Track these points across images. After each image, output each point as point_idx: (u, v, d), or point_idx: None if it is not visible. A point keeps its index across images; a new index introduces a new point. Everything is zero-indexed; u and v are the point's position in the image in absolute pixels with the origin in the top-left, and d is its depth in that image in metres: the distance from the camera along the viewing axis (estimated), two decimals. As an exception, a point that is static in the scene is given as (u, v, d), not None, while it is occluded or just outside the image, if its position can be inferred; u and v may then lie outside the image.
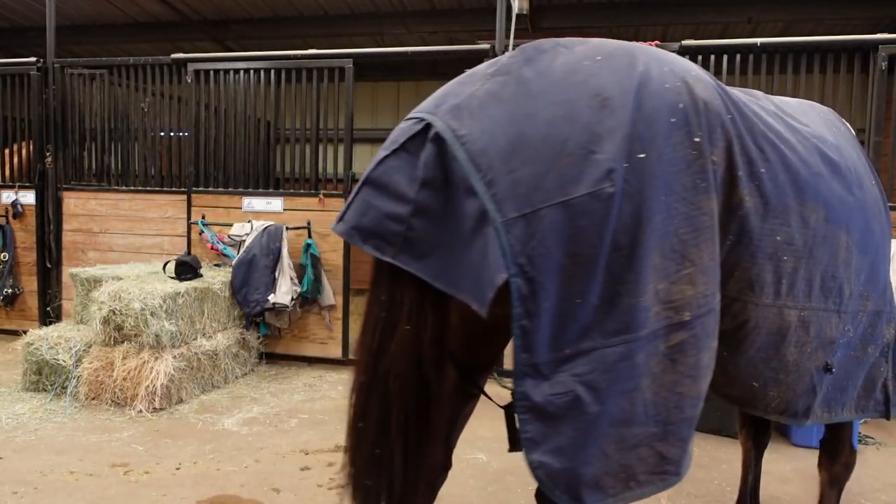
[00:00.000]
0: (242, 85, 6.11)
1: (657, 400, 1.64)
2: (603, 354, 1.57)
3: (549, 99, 1.60)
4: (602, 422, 1.59)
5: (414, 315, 1.68)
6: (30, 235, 6.69)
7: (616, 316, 1.57)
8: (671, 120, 1.62)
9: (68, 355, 4.81)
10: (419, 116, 1.69)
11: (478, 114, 1.61)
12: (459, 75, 1.84)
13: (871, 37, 4.96)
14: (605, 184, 1.52)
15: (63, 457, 3.71)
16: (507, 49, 5.44)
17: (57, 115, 6.58)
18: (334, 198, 5.88)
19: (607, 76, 1.63)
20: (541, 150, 1.54)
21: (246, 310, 5.51)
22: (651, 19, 7.85)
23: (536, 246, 1.51)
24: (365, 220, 1.68)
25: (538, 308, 1.52)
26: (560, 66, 1.67)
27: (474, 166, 1.55)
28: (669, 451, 1.68)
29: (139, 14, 8.91)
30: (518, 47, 1.79)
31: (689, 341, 1.65)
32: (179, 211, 6.27)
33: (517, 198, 1.52)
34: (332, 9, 8.54)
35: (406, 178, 1.64)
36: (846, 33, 5.26)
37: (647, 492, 1.68)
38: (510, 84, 1.65)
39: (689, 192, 1.62)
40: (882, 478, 3.79)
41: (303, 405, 4.80)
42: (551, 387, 1.56)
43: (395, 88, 11.25)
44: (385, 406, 1.70)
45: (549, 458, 1.58)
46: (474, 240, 1.55)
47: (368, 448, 1.72)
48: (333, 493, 3.35)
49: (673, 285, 1.62)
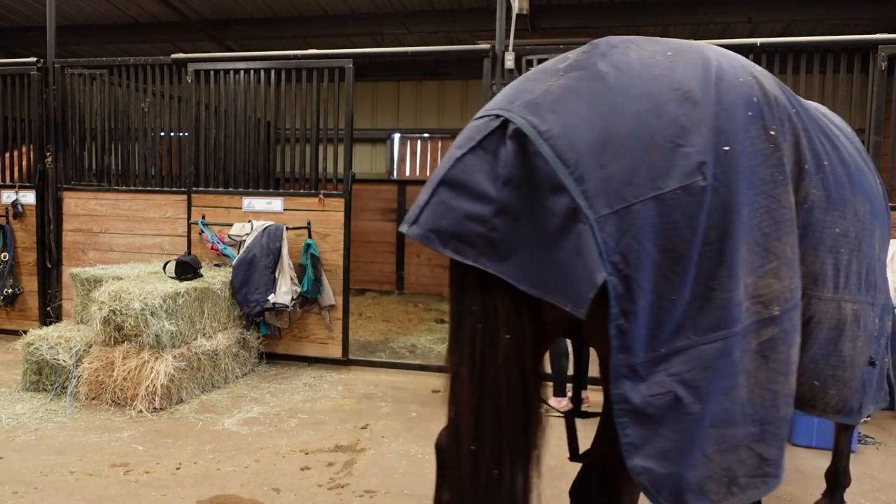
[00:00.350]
0: (242, 85, 6.11)
1: (753, 398, 1.60)
2: (700, 352, 1.53)
3: (632, 93, 1.57)
4: (703, 422, 1.54)
5: (512, 322, 1.60)
6: (30, 235, 6.69)
7: (711, 312, 1.53)
8: (748, 113, 1.61)
9: (68, 355, 4.81)
10: (494, 113, 1.62)
11: (558, 109, 1.57)
12: (530, 70, 1.80)
13: (871, 37, 4.97)
14: (697, 177, 1.50)
15: (63, 457, 3.71)
16: (507, 49, 5.44)
17: (57, 115, 6.58)
18: (334, 198, 5.88)
19: (684, 70, 1.62)
20: (629, 144, 1.51)
21: (246, 310, 5.51)
22: (651, 19, 7.86)
23: (630, 243, 1.48)
24: (444, 222, 1.60)
25: (634, 307, 1.49)
26: (635, 61, 1.64)
27: (562, 162, 1.50)
28: (769, 451, 1.63)
29: (139, 14, 8.91)
30: (588, 43, 1.75)
31: (779, 336, 1.63)
32: (179, 211, 6.27)
33: (609, 193, 1.48)
34: (332, 9, 8.54)
35: (486, 177, 1.57)
36: (846, 33, 5.25)
37: (749, 496, 1.62)
38: (587, 79, 1.61)
39: (769, 185, 1.61)
40: (882, 478, 3.79)
41: (303, 405, 4.80)
42: (649, 388, 1.52)
43: (395, 88, 11.24)
44: (498, 423, 1.61)
45: (652, 463, 1.53)
46: (563, 238, 1.50)
47: (487, 469, 1.61)
48: (333, 493, 3.35)
49: (760, 279, 1.60)
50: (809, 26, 7.90)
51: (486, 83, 5.52)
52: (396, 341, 6.91)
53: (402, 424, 4.43)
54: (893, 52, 4.85)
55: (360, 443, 4.07)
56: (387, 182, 10.97)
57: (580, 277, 1.46)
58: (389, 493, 3.36)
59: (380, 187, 10.50)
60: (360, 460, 3.79)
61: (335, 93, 5.88)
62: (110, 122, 6.54)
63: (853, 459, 3.93)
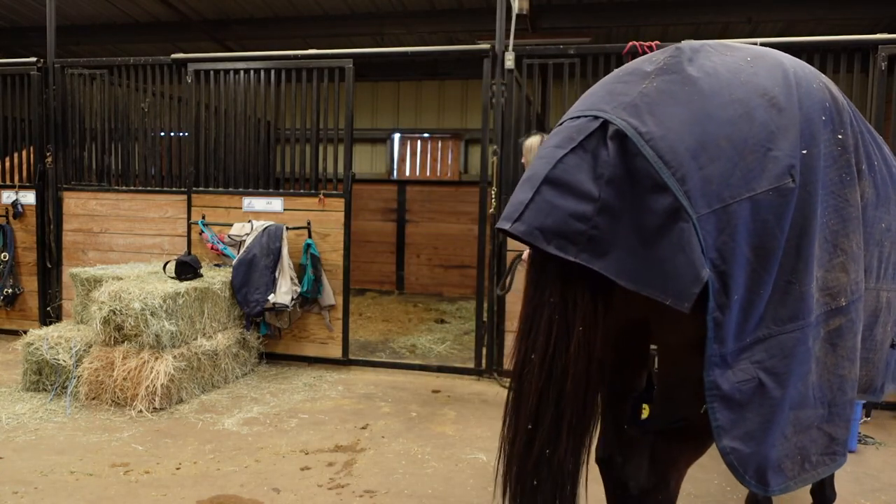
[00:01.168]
0: (242, 85, 6.11)
1: (822, 383, 1.76)
2: (780, 341, 1.67)
3: (724, 98, 1.67)
4: (784, 406, 1.69)
5: (588, 316, 1.71)
6: (30, 235, 6.69)
7: (789, 303, 1.67)
8: (822, 118, 1.74)
9: (68, 355, 4.81)
10: (592, 114, 1.71)
11: (655, 112, 1.66)
12: (614, 72, 1.89)
13: (871, 37, 4.97)
14: (787, 179, 1.63)
15: (63, 457, 3.71)
16: (507, 49, 5.44)
17: (57, 115, 6.58)
18: (334, 198, 5.88)
19: (767, 76, 1.73)
20: (725, 147, 1.62)
21: (246, 310, 5.51)
22: (651, 19, 7.85)
23: (727, 240, 1.59)
24: (549, 220, 1.67)
25: (729, 300, 1.60)
26: (721, 66, 1.74)
27: (664, 163, 1.60)
28: (836, 431, 1.80)
29: (139, 14, 8.91)
30: (670, 47, 1.85)
31: (846, 325, 1.78)
32: (179, 211, 6.27)
33: (708, 194, 1.59)
34: (332, 9, 8.53)
35: (588, 176, 1.66)
36: (846, 33, 5.24)
37: (819, 473, 1.80)
38: (679, 82, 1.71)
39: (837, 185, 1.74)
40: (882, 478, 3.79)
41: (303, 405, 4.80)
42: (735, 375, 1.65)
43: (395, 88, 11.24)
44: (559, 409, 1.72)
45: (739, 444, 1.66)
46: (663, 235, 1.59)
47: (539, 449, 1.73)
48: (333, 493, 3.35)
49: (828, 273, 1.74)
50: (809, 26, 7.89)
51: (486, 83, 5.52)
52: (396, 341, 6.91)
53: (402, 424, 4.43)
54: (893, 52, 4.85)
55: (360, 443, 4.07)
56: (387, 182, 10.97)
57: (683, 273, 1.57)
58: (389, 493, 3.36)
59: (380, 187, 10.50)
60: (360, 460, 3.79)
61: (335, 93, 5.88)
62: (110, 122, 6.54)
63: (853, 459, 3.94)
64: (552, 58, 5.50)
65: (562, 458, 1.73)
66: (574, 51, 5.45)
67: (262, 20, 8.96)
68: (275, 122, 6.75)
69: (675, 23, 7.91)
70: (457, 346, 6.81)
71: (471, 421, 4.57)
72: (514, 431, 1.80)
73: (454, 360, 6.06)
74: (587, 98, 1.82)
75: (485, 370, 5.66)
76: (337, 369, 5.83)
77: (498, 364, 5.62)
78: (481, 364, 5.68)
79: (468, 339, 6.93)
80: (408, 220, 10.18)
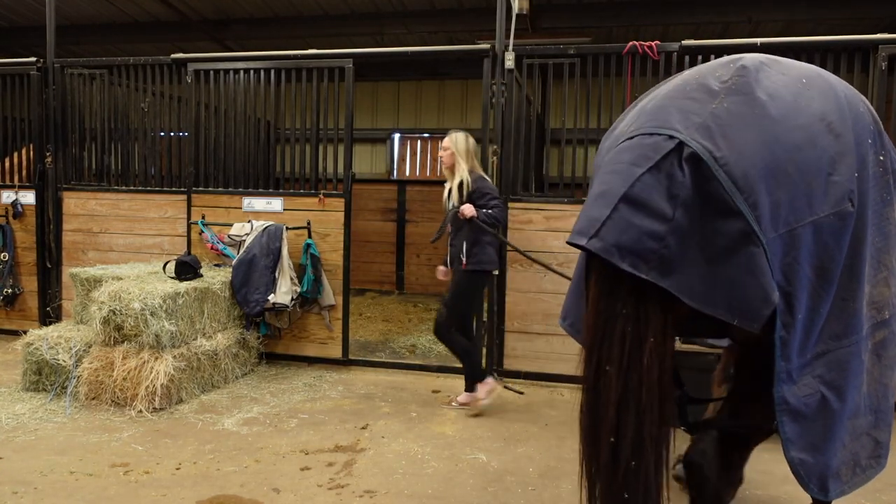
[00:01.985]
0: (242, 85, 6.11)
1: (870, 391, 1.87)
2: (837, 356, 1.77)
3: (790, 123, 1.75)
4: (843, 416, 1.79)
5: (658, 328, 1.77)
6: (30, 235, 6.69)
7: (844, 319, 1.77)
8: (869, 141, 1.84)
9: (68, 355, 4.81)
10: (667, 133, 1.76)
11: (728, 135, 1.72)
12: (678, 83, 1.91)
13: (871, 37, 4.96)
14: (846, 203, 1.73)
15: (63, 457, 3.71)
16: (507, 49, 5.43)
17: (57, 115, 6.58)
18: (334, 198, 5.88)
19: (822, 100, 1.82)
20: (792, 173, 1.70)
21: (246, 310, 5.51)
22: (651, 19, 7.85)
23: (791, 263, 1.68)
24: (625, 237, 1.72)
25: (793, 320, 1.70)
26: (784, 89, 1.81)
27: (737, 189, 1.67)
28: (882, 436, 1.95)
29: (139, 14, 8.90)
30: (735, 65, 1.90)
31: (889, 337, 1.91)
32: (179, 211, 6.27)
33: (776, 218, 1.67)
34: (332, 9, 8.53)
35: (663, 197, 1.71)
36: (846, 33, 5.24)
37: (867, 476, 1.94)
38: (748, 104, 1.77)
39: (879, 204, 1.85)
40: (882, 478, 3.76)
41: (303, 405, 4.79)
42: (800, 389, 1.75)
43: (395, 88, 11.23)
44: (639, 419, 1.75)
45: (805, 455, 1.77)
46: (730, 258, 1.67)
47: (626, 461, 1.76)
48: (333, 493, 3.35)
49: (874, 288, 1.85)
50: (809, 26, 7.89)
51: (486, 83, 5.52)
52: (396, 341, 6.90)
53: (402, 424, 4.43)
54: (893, 52, 4.85)
55: (360, 443, 4.06)
56: (387, 182, 10.97)
57: (753, 295, 1.65)
58: (389, 493, 3.36)
59: (380, 187, 10.50)
60: (359, 460, 3.78)
61: (335, 93, 5.88)
62: (110, 122, 6.54)
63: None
64: (552, 58, 5.50)
65: (647, 468, 1.76)
66: (574, 51, 5.45)
67: (262, 20, 8.96)
68: (275, 121, 6.75)
69: (675, 23, 7.90)
70: (457, 346, 6.80)
71: (471, 421, 4.57)
72: (596, 445, 1.81)
73: (454, 360, 6.05)
74: (656, 112, 1.84)
75: (485, 370, 5.65)
76: (337, 369, 5.82)
77: (498, 364, 5.61)
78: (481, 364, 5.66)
79: (468, 339, 6.92)
80: (408, 220, 10.17)
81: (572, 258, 5.42)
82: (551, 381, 5.47)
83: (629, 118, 2.02)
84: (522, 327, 5.55)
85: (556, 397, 5.18)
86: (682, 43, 5.19)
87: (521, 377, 5.54)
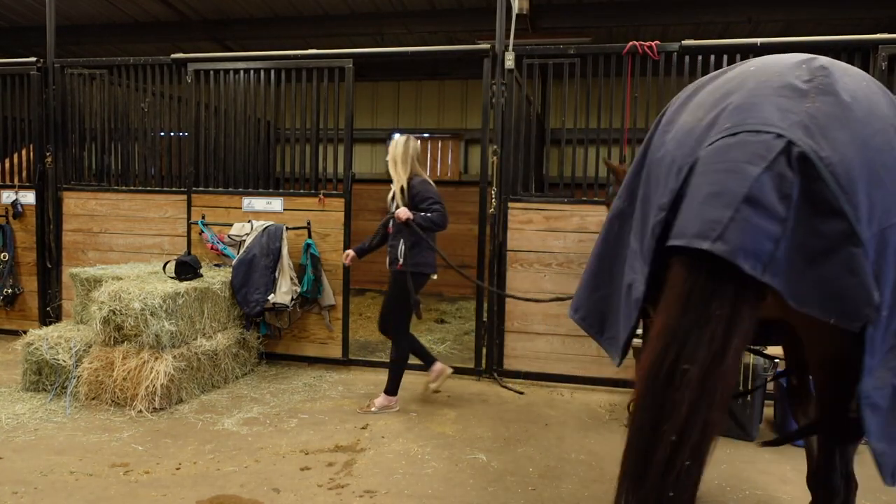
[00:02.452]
0: (242, 85, 6.11)
1: None
2: None
3: (872, 126, 1.79)
4: None
5: (746, 331, 1.76)
6: (30, 235, 6.69)
7: None
8: None
9: (68, 355, 4.81)
10: (775, 131, 1.76)
11: (827, 136, 1.74)
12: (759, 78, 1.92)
13: (871, 37, 4.96)
14: None
15: (63, 457, 3.71)
16: (507, 49, 5.43)
17: (57, 115, 6.58)
18: (334, 198, 5.88)
19: (883, 105, 1.87)
20: (882, 174, 1.74)
21: (246, 310, 5.51)
22: (651, 19, 7.85)
23: (881, 263, 1.72)
24: (748, 239, 1.70)
25: (880, 317, 1.72)
26: (859, 92, 1.86)
27: (841, 190, 1.68)
28: None
29: (139, 14, 8.90)
30: (814, 64, 1.93)
31: None
32: (179, 211, 6.27)
33: (871, 219, 1.70)
34: (332, 9, 8.53)
35: (776, 197, 1.71)
36: (846, 33, 5.24)
37: None
38: (837, 106, 1.80)
39: None
40: (882, 478, 3.79)
41: (303, 405, 4.79)
42: (877, 381, 1.78)
43: (395, 88, 11.23)
44: (707, 420, 1.74)
45: (885, 446, 1.81)
46: (829, 258, 1.68)
47: (682, 460, 1.74)
48: (333, 493, 3.35)
49: None
50: (809, 26, 7.89)
51: (486, 83, 5.52)
52: (396, 341, 6.90)
53: (402, 424, 4.43)
54: (893, 52, 4.85)
55: (360, 443, 4.06)
56: (387, 182, 10.91)
57: (854, 295, 1.68)
58: (389, 493, 3.36)
59: (380, 187, 10.46)
60: (360, 460, 3.79)
61: (335, 93, 5.88)
62: (110, 122, 6.54)
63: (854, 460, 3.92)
64: (552, 58, 5.49)
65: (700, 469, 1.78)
66: (574, 51, 5.44)
67: (262, 20, 8.96)
68: (275, 121, 6.75)
69: (675, 23, 7.90)
70: (457, 346, 6.81)
71: (471, 421, 4.57)
72: (653, 442, 1.77)
73: (454, 360, 6.05)
74: (752, 109, 1.83)
75: (485, 370, 5.66)
76: (337, 369, 5.82)
77: (498, 364, 5.62)
78: (481, 364, 5.67)
79: (468, 339, 6.93)
80: (408, 220, 10.15)
81: (572, 258, 5.43)
82: (551, 381, 5.48)
83: (695, 111, 1.99)
84: (522, 327, 5.55)
85: (556, 397, 5.18)
86: (682, 43, 5.18)
87: (521, 377, 5.54)
